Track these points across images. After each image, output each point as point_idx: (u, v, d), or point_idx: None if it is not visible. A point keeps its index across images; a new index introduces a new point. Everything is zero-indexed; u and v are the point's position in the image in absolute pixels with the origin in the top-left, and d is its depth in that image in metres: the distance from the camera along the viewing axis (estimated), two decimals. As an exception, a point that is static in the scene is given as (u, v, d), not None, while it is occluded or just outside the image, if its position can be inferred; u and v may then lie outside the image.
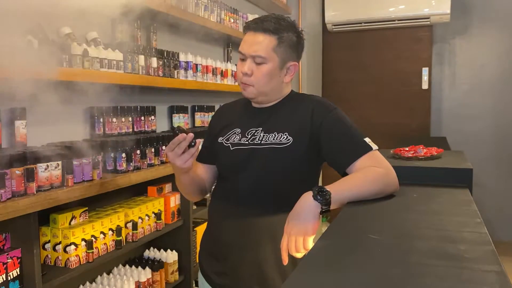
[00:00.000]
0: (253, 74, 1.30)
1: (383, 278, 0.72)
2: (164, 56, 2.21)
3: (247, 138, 1.34)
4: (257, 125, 1.35)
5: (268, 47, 1.28)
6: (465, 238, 0.89)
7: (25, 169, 1.44)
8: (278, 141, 1.30)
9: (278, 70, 1.31)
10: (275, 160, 1.30)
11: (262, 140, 1.32)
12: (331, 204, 1.13)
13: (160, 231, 2.15)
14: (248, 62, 1.30)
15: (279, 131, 1.31)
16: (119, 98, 2.17)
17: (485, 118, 4.19)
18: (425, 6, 3.84)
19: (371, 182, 1.19)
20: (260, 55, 1.28)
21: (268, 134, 1.32)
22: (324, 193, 1.12)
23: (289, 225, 1.12)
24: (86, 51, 1.72)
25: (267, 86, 1.32)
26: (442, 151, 1.75)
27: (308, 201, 1.12)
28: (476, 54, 4.20)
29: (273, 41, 1.28)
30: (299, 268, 0.78)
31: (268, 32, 1.28)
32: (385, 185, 1.21)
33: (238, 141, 1.35)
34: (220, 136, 1.40)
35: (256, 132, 1.34)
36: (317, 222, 1.11)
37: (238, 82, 1.35)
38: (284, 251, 1.11)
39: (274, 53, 1.29)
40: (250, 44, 1.29)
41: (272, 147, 1.30)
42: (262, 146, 1.31)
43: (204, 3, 2.58)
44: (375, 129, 3.98)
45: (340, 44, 4.38)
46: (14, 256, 1.44)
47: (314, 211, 1.11)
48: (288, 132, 1.30)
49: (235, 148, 1.35)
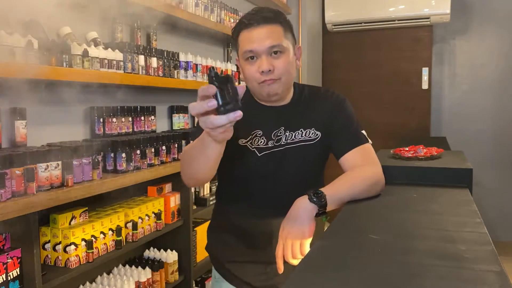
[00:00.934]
0: (275, 68, 1.21)
1: (383, 278, 0.72)
2: (164, 56, 2.21)
3: (273, 140, 1.29)
4: (279, 125, 1.30)
5: (280, 35, 1.22)
6: (465, 238, 0.89)
7: (25, 169, 1.44)
8: (308, 137, 1.30)
9: (293, 59, 1.27)
10: (307, 156, 1.30)
11: (288, 140, 1.29)
12: (327, 206, 1.12)
13: (160, 231, 2.15)
14: (264, 59, 1.20)
15: (306, 127, 1.30)
16: (119, 98, 2.17)
17: (485, 118, 4.19)
18: (425, 6, 3.84)
19: (364, 182, 1.21)
20: (279, 44, 1.20)
21: (293, 132, 1.30)
22: (320, 195, 1.12)
23: (285, 230, 1.10)
24: (86, 51, 1.72)
25: (290, 76, 1.26)
26: (442, 151, 1.75)
27: (303, 204, 1.11)
28: (476, 54, 4.20)
29: (279, 28, 1.23)
30: (299, 268, 0.78)
31: (271, 21, 1.22)
32: (376, 184, 1.24)
33: (264, 145, 1.29)
34: (241, 138, 1.29)
35: (279, 132, 1.30)
36: (313, 225, 1.11)
37: (255, 84, 1.24)
38: (280, 258, 1.09)
39: (286, 40, 1.24)
40: (261, 39, 1.20)
41: (303, 144, 1.29)
42: (292, 145, 1.29)
43: (204, 3, 2.58)
44: (375, 129, 3.98)
45: (340, 44, 4.38)
46: (14, 256, 1.44)
47: (310, 213, 1.10)
48: (315, 127, 1.30)
49: (263, 154, 1.29)
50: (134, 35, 2.19)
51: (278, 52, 1.21)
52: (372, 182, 1.23)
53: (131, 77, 1.96)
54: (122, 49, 1.94)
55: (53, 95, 1.83)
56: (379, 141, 3.25)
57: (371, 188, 1.22)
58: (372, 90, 4.25)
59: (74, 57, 1.67)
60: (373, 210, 1.15)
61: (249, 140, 1.29)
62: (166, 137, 2.17)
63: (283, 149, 1.29)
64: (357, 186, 1.20)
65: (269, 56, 1.21)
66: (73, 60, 1.66)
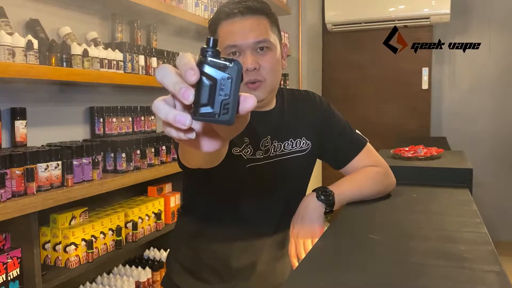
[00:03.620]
0: (260, 67, 1.04)
1: (383, 278, 0.72)
2: (164, 56, 2.21)
3: (262, 151, 1.12)
4: (266, 134, 1.13)
5: (267, 29, 1.05)
6: (465, 238, 0.89)
7: (25, 169, 1.44)
8: (298, 147, 1.17)
9: (279, 57, 1.10)
10: (298, 167, 1.19)
11: (277, 151, 1.14)
12: (334, 205, 1.12)
13: (160, 231, 2.14)
14: (249, 55, 1.03)
15: (295, 137, 1.17)
16: (119, 98, 2.17)
17: (485, 118, 4.19)
18: (425, 6, 3.84)
19: (372, 182, 1.19)
20: (266, 39, 1.04)
21: (282, 142, 1.15)
22: (328, 193, 1.11)
23: (295, 228, 1.10)
24: (86, 51, 1.71)
25: (276, 78, 1.09)
26: (442, 151, 1.75)
27: (312, 202, 1.11)
28: (476, 54, 4.19)
29: (266, 20, 1.06)
30: (299, 268, 0.78)
31: (257, 12, 1.05)
32: (385, 185, 1.22)
33: (251, 155, 1.10)
34: (232, 146, 1.08)
35: (267, 141, 1.13)
36: (322, 223, 1.10)
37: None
38: (294, 256, 1.08)
39: (273, 35, 1.07)
40: (246, 32, 1.03)
41: (293, 156, 1.17)
42: (282, 157, 1.15)
43: (204, 3, 2.58)
44: (375, 129, 3.98)
45: (340, 44, 4.37)
46: (14, 256, 1.44)
47: (318, 211, 1.10)
48: (305, 136, 1.18)
49: (251, 166, 1.10)
50: (134, 35, 2.19)
51: (264, 48, 1.05)
52: (381, 183, 1.21)
53: (131, 77, 1.96)
54: (122, 49, 1.94)
55: (53, 95, 1.83)
56: (379, 141, 3.24)
57: (380, 188, 1.21)
58: (372, 90, 4.25)
59: (74, 57, 1.67)
60: (373, 210, 1.15)
61: (242, 149, 1.10)
62: (166, 137, 2.16)
63: (276, 161, 1.14)
64: (366, 186, 1.18)
65: (254, 52, 1.04)
66: (73, 60, 1.66)
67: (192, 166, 0.85)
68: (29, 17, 1.70)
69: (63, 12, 1.87)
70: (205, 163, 0.79)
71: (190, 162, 0.83)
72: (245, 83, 1.04)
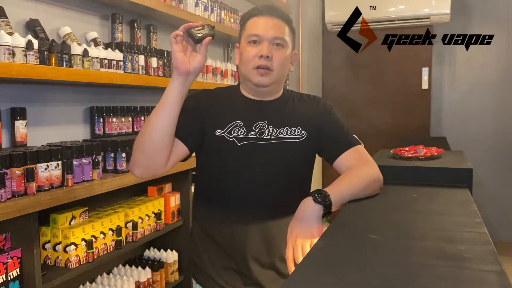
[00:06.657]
0: (273, 57, 1.25)
1: (383, 278, 0.72)
2: (164, 56, 2.21)
3: (255, 132, 1.27)
4: (263, 119, 1.28)
5: (286, 32, 1.28)
6: (465, 238, 0.89)
7: (25, 169, 1.44)
8: (293, 135, 1.29)
9: (289, 57, 1.31)
10: (292, 154, 1.28)
11: (272, 135, 1.27)
12: (332, 206, 1.13)
13: (160, 231, 2.15)
14: (266, 45, 1.24)
15: (291, 126, 1.29)
16: (119, 98, 2.17)
17: (485, 118, 4.19)
18: (425, 6, 3.84)
19: (364, 181, 1.22)
20: (282, 37, 1.26)
21: (278, 128, 1.28)
22: (324, 195, 1.12)
23: (294, 233, 1.10)
24: (86, 51, 1.71)
25: (283, 72, 1.29)
26: (442, 151, 1.75)
27: (309, 205, 1.12)
28: (476, 54, 4.19)
29: (286, 27, 1.29)
30: (299, 268, 0.78)
31: (283, 19, 1.29)
32: (375, 182, 1.25)
33: (244, 135, 1.26)
34: (218, 128, 1.26)
35: (263, 125, 1.28)
36: (321, 225, 1.11)
37: (249, 67, 1.25)
38: (291, 261, 1.08)
39: (289, 38, 1.29)
40: (269, 27, 1.26)
41: (288, 141, 1.28)
42: (276, 141, 1.27)
43: (204, 3, 2.58)
44: (375, 129, 3.98)
45: (340, 44, 4.37)
46: (14, 256, 1.44)
47: (317, 214, 1.11)
48: (301, 127, 1.30)
49: (243, 144, 1.25)
50: (134, 35, 2.19)
51: (279, 45, 1.26)
52: (371, 181, 1.24)
53: (131, 77, 1.96)
54: (122, 49, 1.94)
55: (53, 95, 1.84)
56: (379, 141, 3.25)
57: (371, 186, 1.23)
58: (372, 90, 4.25)
59: (74, 57, 1.67)
60: (373, 210, 1.15)
61: (226, 130, 1.26)
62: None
63: (269, 143, 1.26)
64: (357, 185, 1.20)
65: (270, 45, 1.25)
66: (73, 60, 1.66)
67: (152, 155, 1.18)
68: (29, 17, 1.70)
69: (63, 12, 1.87)
70: (164, 131, 1.18)
71: (162, 136, 1.18)
72: (256, 67, 1.25)
